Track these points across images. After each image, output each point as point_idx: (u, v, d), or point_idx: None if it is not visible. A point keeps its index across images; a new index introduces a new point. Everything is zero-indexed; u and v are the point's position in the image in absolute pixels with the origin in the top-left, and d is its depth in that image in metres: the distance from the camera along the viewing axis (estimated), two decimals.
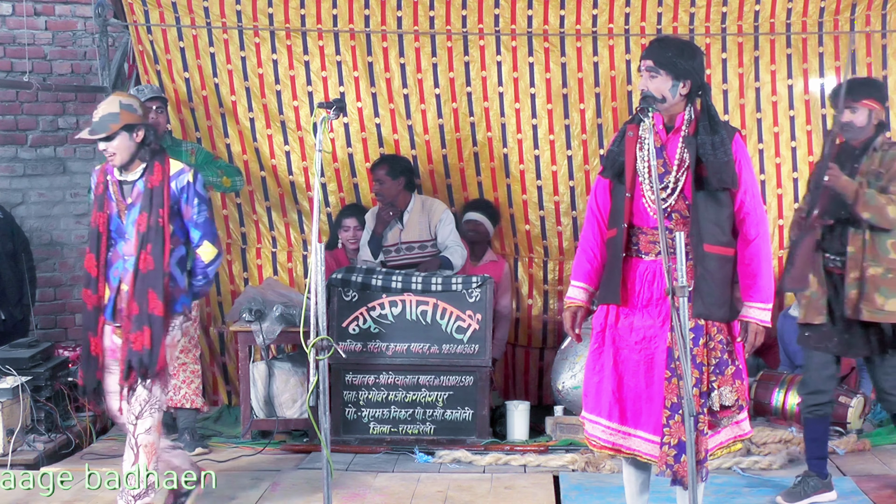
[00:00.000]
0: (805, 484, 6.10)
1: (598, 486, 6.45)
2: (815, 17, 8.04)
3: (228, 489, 6.45)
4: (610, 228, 5.14)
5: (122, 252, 5.61)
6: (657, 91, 4.98)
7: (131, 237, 5.57)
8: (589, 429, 5.17)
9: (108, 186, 5.62)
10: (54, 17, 9.13)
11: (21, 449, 7.00)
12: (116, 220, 5.61)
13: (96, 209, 5.62)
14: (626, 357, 5.08)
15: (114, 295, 5.63)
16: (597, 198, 5.21)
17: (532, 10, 8.07)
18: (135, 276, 5.53)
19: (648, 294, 5.06)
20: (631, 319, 5.07)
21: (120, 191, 5.61)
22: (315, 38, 8.13)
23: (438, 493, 6.32)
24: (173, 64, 8.17)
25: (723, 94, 8.19)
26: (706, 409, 4.99)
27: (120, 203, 5.61)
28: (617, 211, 5.09)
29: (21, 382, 7.07)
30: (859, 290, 5.90)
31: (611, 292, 5.08)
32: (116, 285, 5.62)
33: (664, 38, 5.27)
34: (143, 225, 5.54)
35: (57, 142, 9.16)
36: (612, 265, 5.09)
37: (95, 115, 5.57)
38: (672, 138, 5.07)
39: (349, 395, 7.42)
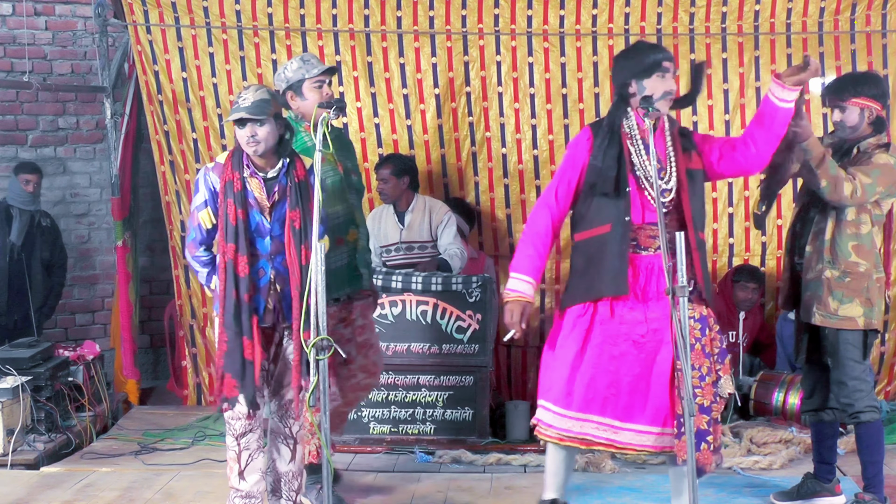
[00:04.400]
0: (803, 485, 6.07)
1: (598, 486, 6.45)
2: (815, 17, 8.05)
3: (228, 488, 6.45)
4: (596, 226, 5.16)
5: (265, 251, 5.41)
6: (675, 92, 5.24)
7: (277, 235, 5.40)
8: (573, 427, 5.15)
9: (246, 183, 5.38)
10: (54, 17, 9.14)
11: (21, 449, 7.00)
12: (258, 217, 5.39)
13: (234, 206, 5.32)
14: (623, 352, 5.11)
15: (260, 296, 5.43)
16: (557, 195, 5.23)
17: (532, 10, 8.07)
18: (300, 274, 5.36)
19: (655, 288, 5.13)
20: (635, 314, 5.12)
21: (264, 187, 5.41)
22: (315, 37, 8.14)
23: (439, 494, 6.32)
24: (171, 64, 8.17)
25: (723, 93, 8.20)
26: (718, 399, 5.10)
27: (262, 200, 5.40)
28: (609, 207, 5.12)
29: (21, 382, 7.07)
30: (813, 293, 5.79)
31: (618, 285, 5.10)
32: (266, 285, 5.43)
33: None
34: (297, 221, 5.38)
35: (57, 142, 9.16)
36: (613, 259, 5.10)
37: (245, 101, 5.33)
38: (658, 138, 5.19)
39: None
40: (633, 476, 6.68)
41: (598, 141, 5.19)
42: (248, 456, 5.48)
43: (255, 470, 5.50)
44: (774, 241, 8.35)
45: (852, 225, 5.73)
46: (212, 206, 5.41)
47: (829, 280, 5.74)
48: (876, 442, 5.83)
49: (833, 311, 5.73)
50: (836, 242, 5.75)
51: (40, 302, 8.61)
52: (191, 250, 5.51)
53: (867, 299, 5.72)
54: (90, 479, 6.68)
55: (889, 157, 5.68)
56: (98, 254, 9.36)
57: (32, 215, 8.54)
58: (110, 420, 8.00)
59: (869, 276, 5.73)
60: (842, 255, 5.73)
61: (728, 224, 8.40)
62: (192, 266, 5.55)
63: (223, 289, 5.33)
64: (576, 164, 5.22)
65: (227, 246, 5.32)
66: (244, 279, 5.33)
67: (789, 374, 7.64)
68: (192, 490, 6.44)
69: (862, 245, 5.72)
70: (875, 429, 5.82)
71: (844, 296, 5.72)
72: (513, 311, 5.16)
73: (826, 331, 5.78)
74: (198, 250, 5.48)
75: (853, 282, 5.71)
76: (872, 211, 5.73)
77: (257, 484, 5.51)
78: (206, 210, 5.40)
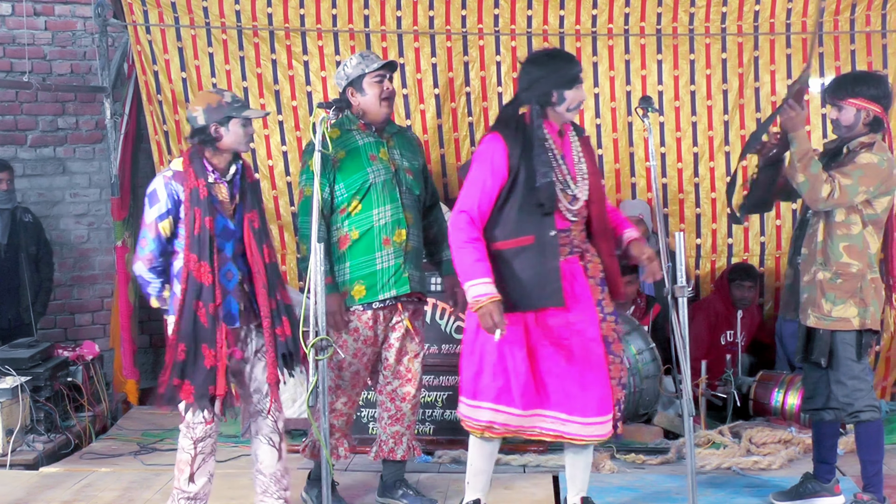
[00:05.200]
0: (802, 485, 6.07)
1: (597, 486, 6.43)
2: (814, 18, 8.04)
3: (228, 489, 6.45)
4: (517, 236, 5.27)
5: (231, 253, 5.43)
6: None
7: (241, 237, 5.44)
8: (525, 423, 5.36)
9: (212, 189, 5.39)
10: (54, 17, 9.13)
11: (20, 449, 7.01)
12: (223, 221, 5.41)
13: (201, 214, 5.31)
14: (557, 352, 5.31)
15: (231, 298, 5.45)
16: (480, 205, 5.27)
17: (532, 11, 8.08)
18: (265, 272, 5.45)
19: (572, 291, 5.31)
20: (559, 318, 5.29)
21: (228, 191, 5.45)
22: (314, 37, 8.14)
23: (438, 494, 6.32)
24: (171, 64, 8.16)
25: (722, 94, 8.20)
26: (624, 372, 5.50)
27: (227, 204, 5.43)
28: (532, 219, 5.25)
29: (21, 382, 7.07)
30: (809, 295, 5.80)
31: (552, 296, 5.27)
32: (235, 287, 5.44)
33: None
34: (256, 221, 5.46)
35: (56, 142, 9.16)
36: (543, 272, 5.25)
37: (239, 101, 5.44)
38: (566, 146, 5.37)
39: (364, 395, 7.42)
40: (633, 476, 6.68)
41: (517, 151, 5.26)
42: (202, 460, 5.53)
43: (204, 473, 5.57)
44: (773, 241, 8.36)
45: (842, 226, 5.72)
46: (174, 214, 5.38)
47: (822, 282, 5.75)
48: (875, 441, 5.84)
49: (827, 312, 5.73)
50: (828, 244, 5.75)
51: (33, 298, 8.58)
52: (149, 262, 5.43)
53: (861, 300, 5.72)
54: (89, 479, 6.68)
55: (873, 157, 5.66)
56: (97, 254, 9.36)
57: (13, 212, 8.52)
58: (109, 420, 8.00)
59: (862, 277, 5.72)
60: (833, 257, 5.72)
61: (727, 224, 8.40)
62: (144, 278, 5.47)
63: (183, 299, 5.33)
64: (496, 174, 5.26)
65: (191, 255, 5.32)
66: (209, 287, 5.33)
67: (789, 374, 7.65)
68: None
69: (853, 246, 5.72)
70: (875, 428, 5.82)
71: (837, 297, 5.72)
72: (492, 312, 5.17)
73: (820, 332, 5.78)
74: (157, 261, 5.44)
75: (845, 283, 5.71)
76: (864, 210, 5.71)
77: (205, 486, 5.58)
78: (167, 220, 5.37)
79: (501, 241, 5.28)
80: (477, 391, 5.38)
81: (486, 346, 5.32)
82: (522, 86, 5.35)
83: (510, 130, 5.29)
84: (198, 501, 5.58)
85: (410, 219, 5.92)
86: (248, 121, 5.40)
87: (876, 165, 5.64)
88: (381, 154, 5.90)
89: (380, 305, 5.89)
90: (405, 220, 5.90)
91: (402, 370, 6.05)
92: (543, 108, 5.29)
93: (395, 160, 5.95)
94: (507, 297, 5.21)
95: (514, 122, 5.32)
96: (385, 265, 5.86)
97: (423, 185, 6.09)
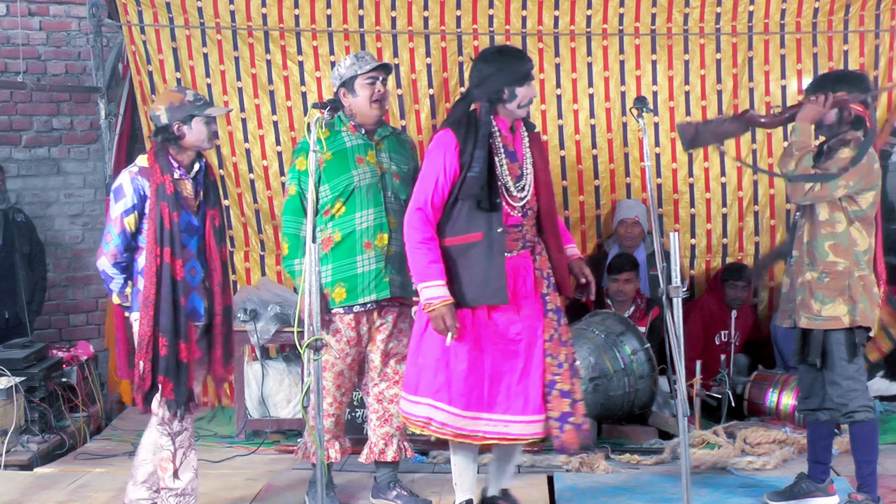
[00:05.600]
0: (796, 485, 6.08)
1: (592, 487, 6.46)
2: (808, 18, 8.05)
3: (222, 489, 6.45)
4: (465, 233, 5.32)
5: (194, 250, 5.51)
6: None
7: (202, 233, 5.52)
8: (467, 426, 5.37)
9: (177, 185, 5.45)
10: (48, 17, 9.13)
11: (15, 449, 7.01)
12: (187, 217, 5.47)
13: (170, 209, 5.38)
14: (504, 350, 5.35)
15: (195, 294, 5.51)
16: (433, 203, 5.32)
17: (526, 11, 8.07)
18: (221, 270, 5.56)
19: (524, 288, 5.37)
20: (509, 314, 5.34)
21: (193, 187, 5.51)
22: (309, 38, 8.13)
23: (433, 494, 6.32)
24: (165, 64, 8.15)
25: (717, 94, 8.21)
26: (575, 381, 5.48)
27: (191, 200, 5.49)
28: (480, 216, 5.29)
29: (15, 383, 7.07)
30: (801, 297, 5.81)
31: (497, 294, 5.30)
32: (199, 283, 5.52)
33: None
34: (217, 218, 5.56)
35: (51, 142, 9.16)
36: (489, 268, 5.29)
37: (204, 100, 5.53)
38: (516, 142, 5.43)
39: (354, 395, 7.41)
40: (627, 476, 6.69)
41: (468, 148, 5.30)
42: (182, 454, 5.58)
43: (188, 467, 5.60)
44: (768, 240, 8.37)
45: (827, 225, 5.74)
46: (139, 210, 5.44)
47: (810, 282, 5.77)
48: (870, 442, 5.84)
49: (817, 312, 5.75)
50: (813, 244, 5.77)
51: (28, 298, 8.58)
52: (112, 258, 5.48)
53: (849, 297, 5.73)
54: (84, 479, 6.68)
55: (852, 152, 5.68)
56: (92, 254, 9.29)
57: (6, 213, 8.51)
58: (104, 421, 8.00)
59: (849, 275, 5.73)
60: (819, 256, 5.75)
61: (721, 224, 8.41)
62: (108, 273, 5.52)
63: (157, 293, 5.37)
64: (447, 171, 5.31)
65: (164, 250, 5.38)
66: (181, 282, 5.41)
67: (783, 374, 7.65)
68: None
69: (839, 244, 5.73)
70: (869, 428, 5.83)
71: (826, 296, 5.73)
72: (445, 315, 5.24)
73: (814, 332, 5.79)
74: (121, 256, 5.49)
75: (832, 282, 5.73)
76: (848, 208, 5.72)
77: (191, 482, 5.61)
78: (133, 215, 5.43)
79: (451, 238, 5.34)
80: (417, 387, 5.44)
81: (431, 343, 5.37)
82: (473, 83, 5.41)
83: (461, 127, 5.34)
84: (186, 497, 5.60)
85: (394, 223, 5.91)
86: (210, 119, 5.49)
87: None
88: (368, 157, 5.92)
89: (360, 309, 5.91)
90: (388, 225, 5.91)
91: (388, 372, 6.05)
92: (494, 104, 5.35)
93: (383, 163, 5.96)
94: (454, 293, 5.29)
95: (466, 118, 5.37)
96: (366, 269, 5.88)
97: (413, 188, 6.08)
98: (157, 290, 5.36)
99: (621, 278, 8.01)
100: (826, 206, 5.72)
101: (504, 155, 5.35)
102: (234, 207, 8.36)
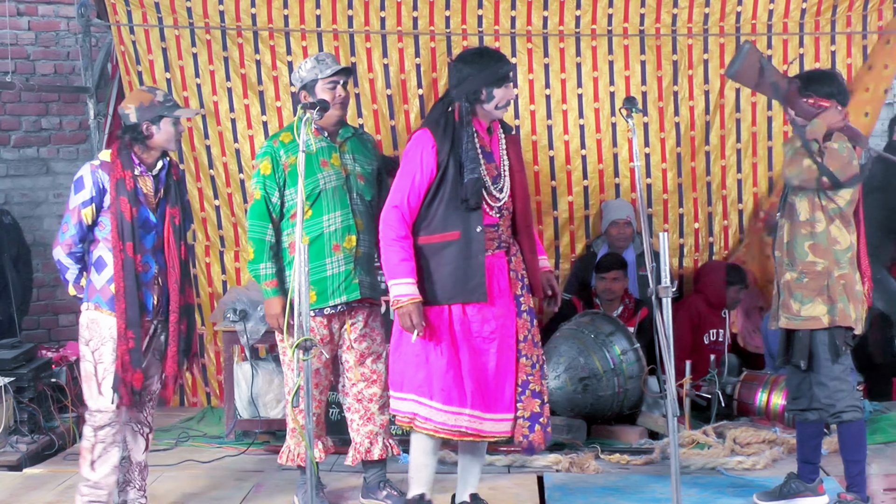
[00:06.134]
0: (786, 485, 6.09)
1: (581, 486, 6.46)
2: (796, 18, 8.08)
3: (212, 489, 6.45)
4: (443, 231, 5.38)
5: (150, 246, 5.59)
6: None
7: (160, 231, 5.60)
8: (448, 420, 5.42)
9: (137, 181, 5.54)
10: (37, 17, 9.12)
11: (3, 450, 6.99)
12: (145, 213, 5.56)
13: (129, 204, 5.48)
14: (478, 348, 5.42)
15: (146, 290, 5.60)
16: (409, 201, 5.38)
17: (515, 12, 8.08)
18: (179, 268, 5.63)
19: (498, 287, 5.45)
20: (484, 312, 5.42)
21: (153, 185, 5.59)
22: (298, 38, 8.13)
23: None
24: (155, 64, 8.14)
25: (704, 94, 8.24)
26: (545, 383, 5.60)
27: (150, 197, 5.58)
28: (458, 215, 5.37)
29: (4, 383, 7.05)
30: (781, 297, 5.83)
31: (475, 291, 5.38)
32: (150, 280, 5.60)
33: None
34: (177, 217, 5.63)
35: (40, 142, 9.15)
36: (467, 267, 5.37)
37: (171, 101, 5.61)
38: (493, 143, 5.50)
39: (332, 395, 7.40)
40: (617, 476, 6.69)
41: (446, 147, 5.37)
42: (103, 448, 5.64)
43: (107, 463, 5.67)
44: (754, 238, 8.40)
45: (807, 224, 5.76)
46: (97, 203, 5.55)
47: (789, 283, 5.80)
48: (858, 442, 5.86)
49: (796, 312, 5.78)
50: (793, 244, 5.79)
51: (18, 300, 8.56)
52: (67, 247, 5.62)
53: (828, 297, 5.74)
54: (73, 480, 6.63)
55: (832, 143, 5.71)
56: None
57: None
58: None
59: (828, 275, 5.74)
60: (798, 256, 5.77)
61: (708, 224, 8.44)
62: (63, 263, 5.67)
63: (125, 286, 5.49)
64: (425, 169, 5.38)
65: (126, 244, 5.49)
66: (140, 275, 5.54)
67: (772, 375, 7.66)
68: (176, 491, 6.43)
69: (818, 244, 5.75)
70: (857, 428, 5.85)
71: (805, 296, 5.76)
72: (411, 313, 5.31)
73: (799, 333, 5.81)
74: (76, 247, 5.62)
75: (811, 282, 5.74)
76: (827, 206, 5.74)
77: (108, 477, 5.68)
78: (90, 207, 5.54)
79: (428, 236, 5.40)
80: (402, 383, 5.50)
81: (410, 340, 5.43)
82: (452, 83, 5.47)
83: (439, 127, 5.41)
84: (100, 490, 5.69)
85: (361, 224, 5.99)
86: (178, 120, 5.59)
87: (836, 150, 5.69)
88: (332, 160, 5.97)
89: (331, 311, 5.96)
90: (355, 226, 5.97)
91: (366, 372, 6.09)
92: (472, 105, 5.40)
93: (347, 165, 6.02)
94: (432, 290, 5.37)
95: (444, 118, 5.43)
96: (335, 271, 5.93)
97: (378, 189, 6.13)
98: (125, 283, 5.48)
99: (609, 276, 8.01)
100: (806, 204, 5.74)
101: (482, 155, 5.41)
102: (225, 207, 8.35)
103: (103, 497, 5.69)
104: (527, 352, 5.50)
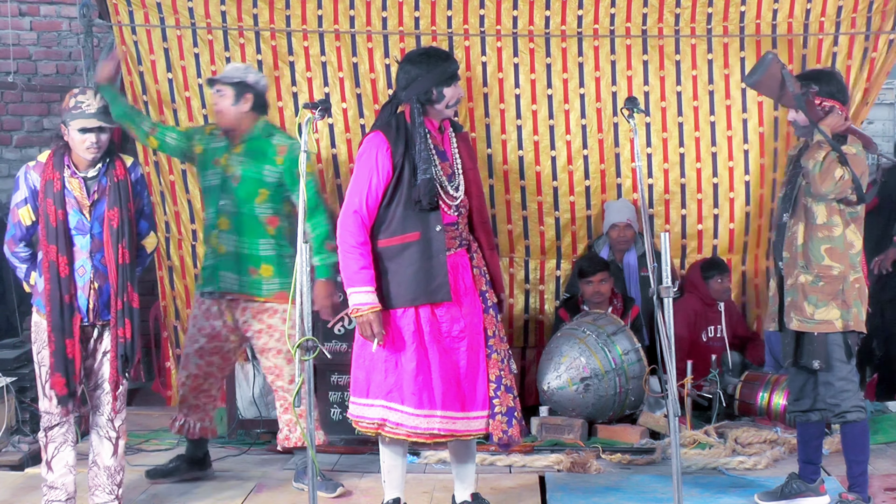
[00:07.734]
0: (787, 485, 6.09)
1: (583, 487, 6.46)
2: (800, 19, 8.06)
3: (214, 489, 6.45)
4: (402, 233, 5.41)
5: (86, 249, 5.59)
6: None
7: (97, 233, 5.58)
8: (421, 423, 5.43)
9: (66, 183, 5.55)
10: (39, 17, 9.13)
11: (6, 450, 6.99)
12: (78, 216, 5.56)
13: (55, 207, 5.50)
14: (448, 347, 5.44)
15: (81, 293, 5.60)
16: (367, 204, 5.40)
17: (517, 11, 8.07)
18: (116, 272, 5.59)
19: (464, 285, 5.51)
20: (451, 312, 5.44)
21: (84, 187, 5.58)
22: (300, 38, 8.12)
23: (424, 494, 6.33)
24: (157, 65, 8.14)
25: (708, 94, 8.21)
26: (512, 377, 5.62)
27: (83, 199, 5.57)
28: (417, 216, 5.40)
29: (6, 383, 7.05)
30: (792, 298, 5.81)
31: (439, 290, 5.41)
32: (86, 283, 5.60)
33: None
34: (115, 220, 5.58)
35: (42, 142, 9.15)
36: (430, 267, 5.40)
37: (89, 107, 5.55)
38: (445, 140, 5.58)
39: (334, 395, 7.41)
40: (618, 476, 6.69)
41: (400, 149, 5.42)
42: (55, 448, 5.68)
43: (61, 462, 5.70)
44: (755, 239, 8.39)
45: (824, 228, 5.73)
46: (31, 203, 5.62)
47: (804, 285, 5.77)
48: (861, 442, 5.86)
49: (809, 315, 5.76)
50: (809, 247, 5.77)
51: (20, 300, 8.56)
52: (10, 247, 5.71)
53: (843, 301, 5.73)
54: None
55: (851, 147, 5.69)
56: None
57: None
58: None
59: (844, 279, 5.73)
60: (815, 260, 5.74)
61: (712, 225, 8.42)
62: (11, 262, 5.76)
63: (48, 290, 5.53)
64: (380, 172, 5.41)
65: (50, 247, 5.51)
66: (65, 279, 5.52)
67: (774, 374, 7.66)
68: (177, 491, 6.43)
69: (835, 248, 5.73)
70: (861, 429, 5.84)
71: (819, 300, 5.74)
72: (372, 322, 5.35)
73: (815, 335, 5.78)
74: (17, 246, 5.70)
75: (827, 286, 5.73)
76: (845, 210, 5.73)
77: (63, 477, 5.72)
78: (25, 207, 5.64)
79: (388, 239, 5.42)
80: (369, 389, 5.50)
81: (397, 349, 5.46)
82: (401, 84, 5.51)
83: (391, 129, 5.45)
84: (57, 491, 5.71)
85: (225, 224, 6.36)
86: (86, 129, 5.53)
87: (856, 155, 5.68)
88: (222, 160, 6.37)
89: (209, 298, 6.47)
90: (219, 225, 6.36)
91: (270, 366, 6.43)
92: (423, 105, 5.46)
93: (232, 167, 6.34)
94: (397, 293, 5.39)
95: (394, 120, 5.48)
96: (208, 262, 6.51)
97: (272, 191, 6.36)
98: (49, 286, 5.51)
99: (596, 279, 7.96)
100: (824, 208, 5.72)
101: (436, 155, 5.46)
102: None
103: (61, 497, 5.71)
104: (497, 347, 5.55)
